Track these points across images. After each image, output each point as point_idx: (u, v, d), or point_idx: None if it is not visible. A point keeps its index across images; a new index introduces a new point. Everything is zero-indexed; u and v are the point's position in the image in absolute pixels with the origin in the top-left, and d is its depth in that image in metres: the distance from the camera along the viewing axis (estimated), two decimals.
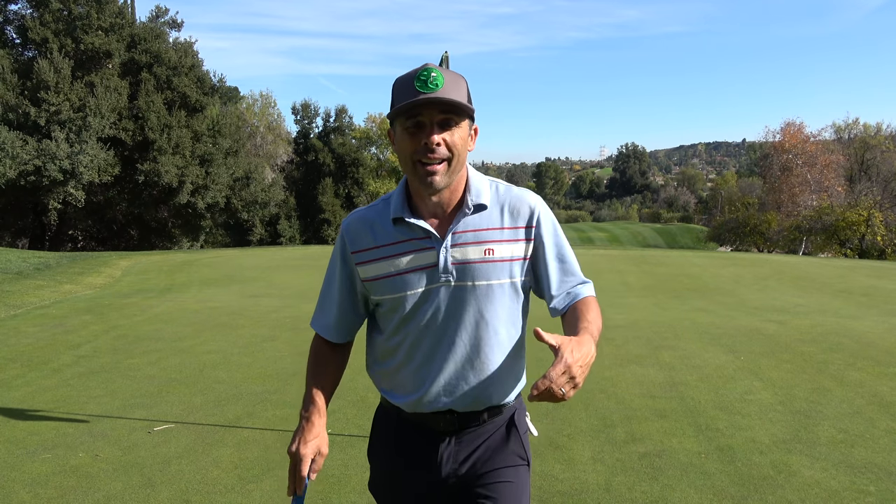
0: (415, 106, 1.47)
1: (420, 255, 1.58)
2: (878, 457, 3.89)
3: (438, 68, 1.51)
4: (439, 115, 1.49)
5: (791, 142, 41.47)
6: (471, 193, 1.59)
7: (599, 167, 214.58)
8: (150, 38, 26.53)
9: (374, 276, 1.61)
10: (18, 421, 4.56)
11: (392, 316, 1.62)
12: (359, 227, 1.64)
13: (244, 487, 3.53)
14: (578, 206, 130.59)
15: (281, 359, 6.30)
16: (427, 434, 1.65)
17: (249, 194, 29.50)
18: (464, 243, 1.57)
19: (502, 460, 1.64)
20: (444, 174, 1.52)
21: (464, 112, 1.51)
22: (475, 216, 1.59)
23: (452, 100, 1.48)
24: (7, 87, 22.55)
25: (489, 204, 1.60)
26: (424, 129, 1.50)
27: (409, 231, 1.59)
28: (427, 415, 1.63)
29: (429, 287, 1.58)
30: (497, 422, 1.67)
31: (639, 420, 4.53)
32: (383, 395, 1.73)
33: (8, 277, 11.64)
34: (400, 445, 1.68)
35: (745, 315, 8.81)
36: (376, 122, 45.29)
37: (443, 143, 1.49)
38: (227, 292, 11.04)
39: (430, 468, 1.64)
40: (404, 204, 1.60)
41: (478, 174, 1.64)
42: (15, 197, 23.25)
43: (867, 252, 32.29)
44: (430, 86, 1.47)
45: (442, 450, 1.63)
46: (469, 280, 1.57)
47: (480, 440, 1.64)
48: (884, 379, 5.57)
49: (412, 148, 1.51)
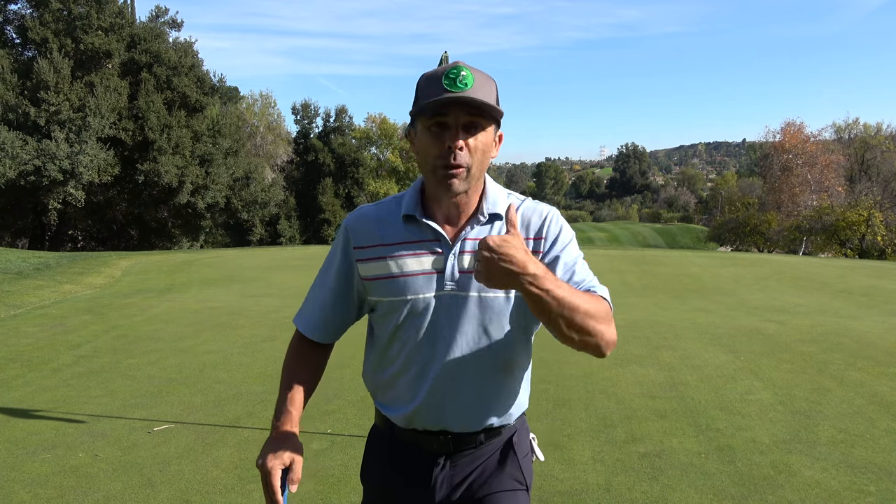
0: (441, 105, 1.39)
1: (427, 258, 1.50)
2: (878, 457, 3.89)
3: (470, 68, 1.42)
4: (465, 118, 1.40)
5: (791, 142, 41.46)
6: (487, 202, 1.52)
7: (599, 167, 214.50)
8: (150, 38, 26.54)
9: (375, 276, 1.53)
10: (18, 421, 4.56)
11: (390, 320, 1.54)
12: (365, 222, 1.56)
13: (244, 487, 3.53)
14: (578, 206, 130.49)
15: (281, 359, 6.26)
16: (421, 456, 1.58)
17: (249, 194, 29.51)
18: (474, 251, 1.48)
19: (499, 484, 1.56)
20: (464, 179, 1.44)
21: (491, 116, 1.43)
22: (488, 226, 1.52)
23: (482, 101, 1.39)
24: (7, 87, 22.55)
25: (504, 214, 1.52)
26: (449, 130, 1.41)
27: (419, 231, 1.51)
28: (420, 434, 1.57)
29: (432, 294, 1.50)
30: (495, 444, 1.59)
31: (639, 420, 4.53)
32: (378, 410, 1.66)
33: (8, 277, 11.64)
34: (393, 468, 1.61)
35: (745, 315, 8.81)
36: (376, 122, 45.29)
37: (466, 148, 1.42)
38: (227, 292, 11.04)
39: (424, 492, 1.57)
40: (418, 203, 1.53)
41: (496, 185, 1.57)
42: (15, 197, 23.25)
43: (867, 252, 32.28)
44: (459, 84, 1.39)
45: (436, 473, 1.57)
46: (475, 290, 1.49)
47: (476, 463, 1.57)
48: (884, 379, 5.57)
49: (435, 150, 1.42)
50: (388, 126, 45.29)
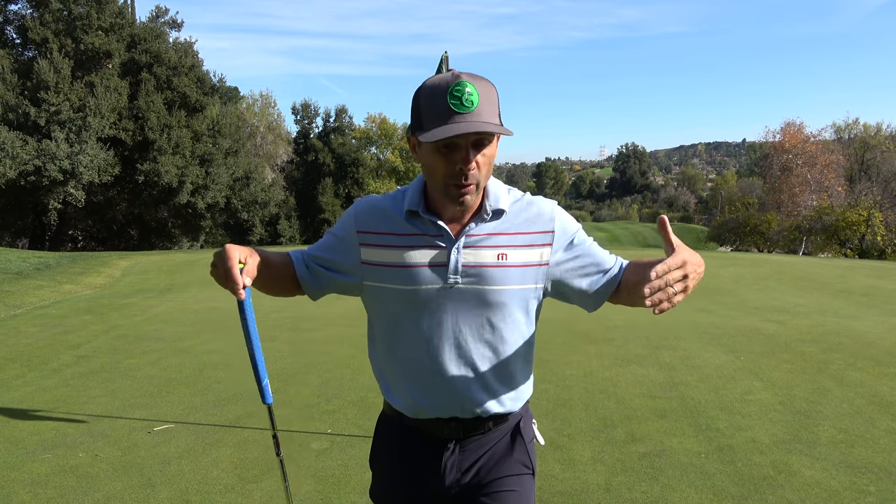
0: (454, 133, 1.40)
1: (430, 252, 1.53)
2: (878, 457, 3.89)
3: (470, 79, 1.42)
4: (475, 136, 1.43)
5: (791, 142, 41.44)
6: (489, 199, 1.55)
7: (599, 167, 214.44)
8: (150, 38, 26.53)
9: (378, 262, 1.56)
10: (18, 421, 4.56)
11: (385, 308, 1.58)
12: (372, 210, 1.60)
13: (244, 487, 3.53)
14: (578, 206, 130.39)
15: (281, 359, 6.30)
16: (430, 441, 1.61)
17: (249, 194, 29.51)
18: (477, 246, 1.53)
19: (507, 469, 1.61)
20: (475, 193, 1.49)
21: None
22: (492, 221, 1.55)
23: (491, 126, 1.41)
24: (7, 87, 22.55)
25: (507, 209, 1.56)
26: (459, 151, 1.43)
27: (423, 226, 1.54)
28: (430, 421, 1.60)
29: (436, 286, 1.52)
30: (502, 429, 1.63)
31: (639, 420, 4.53)
32: (386, 399, 1.69)
33: (8, 277, 11.64)
34: (402, 453, 1.65)
35: (745, 315, 8.81)
36: (376, 122, 45.32)
37: (475, 165, 1.44)
38: (228, 293, 11.01)
39: (434, 477, 1.61)
40: (421, 199, 1.55)
41: (496, 181, 1.60)
42: (15, 197, 23.25)
43: (867, 252, 32.28)
44: (466, 104, 1.40)
45: (445, 458, 1.60)
46: (479, 284, 1.52)
47: (485, 448, 1.61)
48: (884, 379, 5.57)
49: (445, 170, 1.45)
50: (388, 126, 45.31)
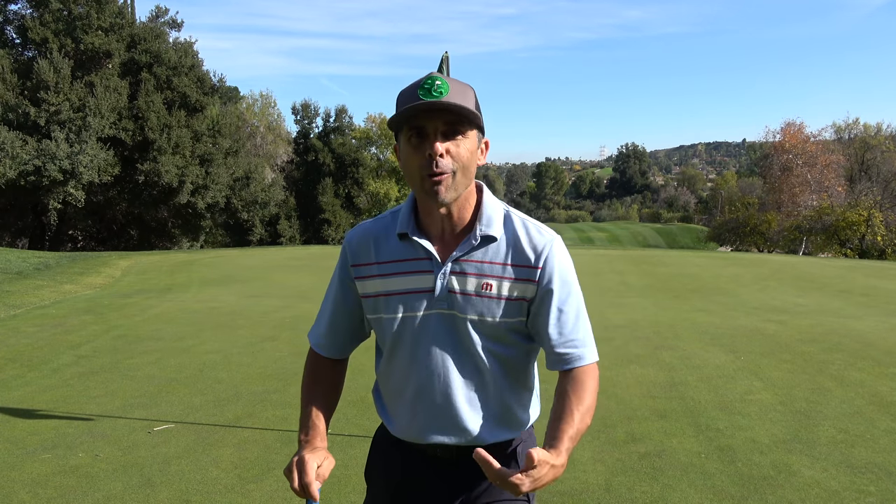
0: (416, 112, 1.39)
1: (417, 277, 1.50)
2: (878, 457, 3.89)
3: (445, 78, 1.43)
4: (444, 125, 1.41)
5: (791, 142, 41.44)
6: (481, 222, 1.50)
7: (599, 167, 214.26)
8: (150, 38, 26.50)
9: (370, 294, 1.55)
10: (18, 421, 4.56)
11: (385, 337, 1.56)
12: (361, 241, 1.58)
13: (244, 487, 3.53)
14: (578, 206, 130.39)
15: (281, 359, 6.30)
16: (425, 461, 1.59)
17: (249, 194, 29.48)
18: (463, 273, 1.49)
19: (500, 492, 1.56)
20: (451, 187, 1.43)
21: (470, 121, 1.43)
22: (481, 248, 1.50)
23: (455, 104, 1.38)
24: (7, 87, 22.54)
25: (499, 237, 1.50)
26: (428, 138, 1.41)
27: (413, 249, 1.52)
28: (423, 444, 1.58)
29: (421, 312, 1.50)
30: (499, 455, 1.56)
31: (639, 420, 4.53)
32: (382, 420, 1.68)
33: (8, 277, 11.64)
34: (397, 470, 1.63)
35: (745, 315, 8.81)
36: (376, 122, 45.28)
37: (447, 154, 1.41)
38: (227, 292, 11.04)
39: (428, 495, 1.59)
40: (411, 220, 1.53)
41: (493, 201, 1.54)
42: (15, 197, 23.24)
43: (867, 252, 32.28)
44: (434, 94, 1.39)
45: (440, 477, 1.58)
46: (462, 311, 1.48)
47: (479, 470, 1.56)
48: (884, 379, 5.57)
49: (416, 161, 1.42)
50: (387, 125, 45.24)
